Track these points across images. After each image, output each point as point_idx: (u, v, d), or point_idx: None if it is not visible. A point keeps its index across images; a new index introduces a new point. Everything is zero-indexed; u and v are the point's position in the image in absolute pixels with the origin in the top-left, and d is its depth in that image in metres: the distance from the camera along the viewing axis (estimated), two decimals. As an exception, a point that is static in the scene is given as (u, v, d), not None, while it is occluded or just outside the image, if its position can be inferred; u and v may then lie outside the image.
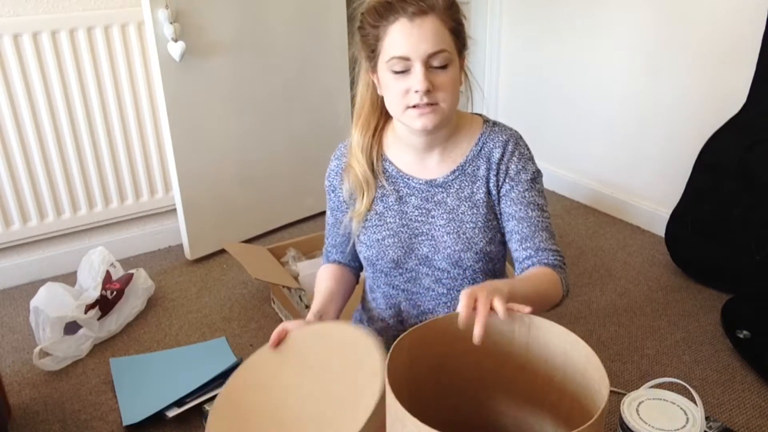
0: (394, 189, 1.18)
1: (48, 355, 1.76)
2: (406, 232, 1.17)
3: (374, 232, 1.19)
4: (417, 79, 1.00)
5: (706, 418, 1.45)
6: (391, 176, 1.18)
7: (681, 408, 1.32)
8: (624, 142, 2.48)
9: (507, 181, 1.13)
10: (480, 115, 1.20)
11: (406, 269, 1.20)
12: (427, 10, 0.99)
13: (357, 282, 1.36)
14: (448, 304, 1.20)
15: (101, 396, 1.68)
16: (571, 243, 2.39)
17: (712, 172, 1.99)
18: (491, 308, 0.80)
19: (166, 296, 2.12)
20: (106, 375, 1.76)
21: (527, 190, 1.12)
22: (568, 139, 2.72)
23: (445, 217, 1.15)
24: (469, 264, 1.16)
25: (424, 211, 1.16)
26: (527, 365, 0.85)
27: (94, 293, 1.86)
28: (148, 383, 1.70)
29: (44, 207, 2.16)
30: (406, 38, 0.99)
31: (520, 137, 1.16)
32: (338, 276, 1.30)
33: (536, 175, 1.14)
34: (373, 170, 1.17)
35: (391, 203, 1.18)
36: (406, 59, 1.00)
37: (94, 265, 1.95)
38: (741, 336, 1.77)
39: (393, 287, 1.23)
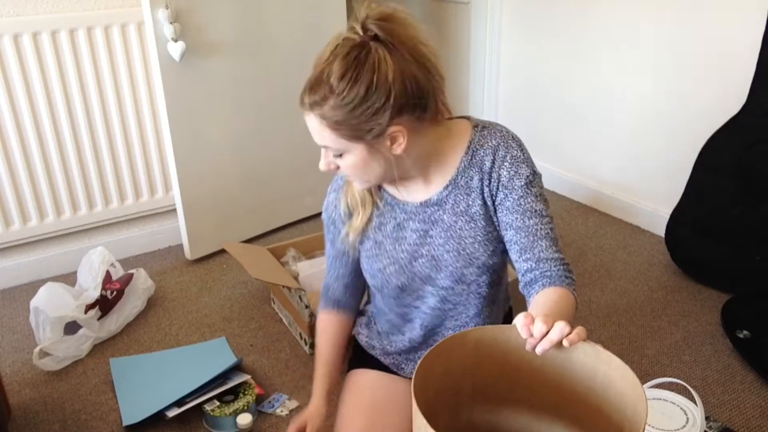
0: (391, 217, 1.16)
1: (48, 355, 1.76)
2: (405, 257, 1.15)
3: (375, 261, 1.17)
4: (322, 161, 1.06)
5: (706, 418, 1.45)
6: (387, 204, 1.16)
7: (681, 408, 1.32)
8: (624, 143, 2.48)
9: (501, 189, 1.07)
10: (468, 118, 1.14)
11: (412, 290, 1.18)
12: (310, 106, 0.99)
13: (354, 324, 1.36)
14: (456, 317, 1.19)
15: (101, 396, 1.68)
16: (571, 243, 2.39)
17: (712, 172, 1.99)
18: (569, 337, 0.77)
19: (166, 296, 2.12)
20: (106, 375, 1.76)
21: (522, 197, 1.05)
22: (568, 140, 2.72)
23: (443, 235, 1.12)
24: (472, 279, 1.13)
25: (421, 233, 1.14)
26: (552, 378, 0.84)
27: (94, 293, 1.86)
28: (148, 383, 1.70)
29: (44, 207, 2.16)
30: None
31: (512, 138, 1.09)
32: (337, 334, 1.31)
33: (532, 178, 1.07)
34: (369, 188, 1.16)
35: (389, 231, 1.16)
36: None
37: (94, 265, 1.95)
38: (741, 336, 1.77)
39: (404, 306, 1.23)
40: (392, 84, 0.96)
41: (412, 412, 1.25)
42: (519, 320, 0.79)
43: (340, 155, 1.02)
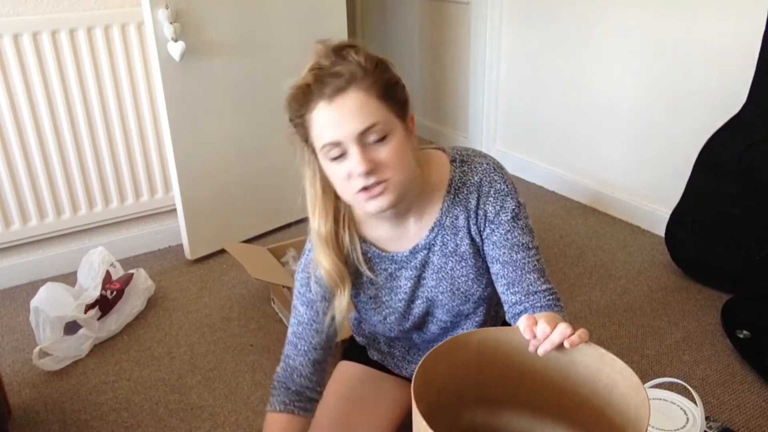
0: (381, 269, 1.10)
1: (48, 355, 1.76)
2: (402, 306, 1.13)
3: (374, 314, 1.15)
4: (355, 161, 0.90)
5: (706, 418, 1.45)
6: (374, 258, 1.10)
7: (681, 408, 1.32)
8: (624, 142, 2.48)
9: (487, 224, 1.04)
10: (443, 150, 1.08)
11: (413, 327, 1.18)
12: (345, 85, 0.89)
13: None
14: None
15: (101, 396, 1.68)
16: (571, 243, 2.39)
17: (712, 172, 1.99)
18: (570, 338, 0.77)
19: (166, 296, 2.12)
20: (105, 375, 1.76)
21: (509, 231, 1.03)
22: (568, 139, 2.72)
23: (435, 277, 1.09)
24: (470, 312, 1.13)
25: (414, 279, 1.11)
26: (555, 380, 0.84)
27: (94, 293, 1.86)
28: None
29: (44, 207, 2.15)
30: (331, 122, 0.90)
31: (494, 170, 1.04)
32: None
33: (518, 211, 1.03)
34: (345, 260, 1.06)
35: (382, 283, 1.12)
36: (338, 144, 0.91)
37: (94, 265, 1.95)
38: (741, 336, 1.77)
39: (403, 337, 1.23)
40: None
41: (391, 410, 1.26)
42: (522, 322, 0.79)
43: (383, 139, 0.91)
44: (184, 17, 2.02)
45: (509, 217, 1.03)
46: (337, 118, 0.89)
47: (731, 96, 1.98)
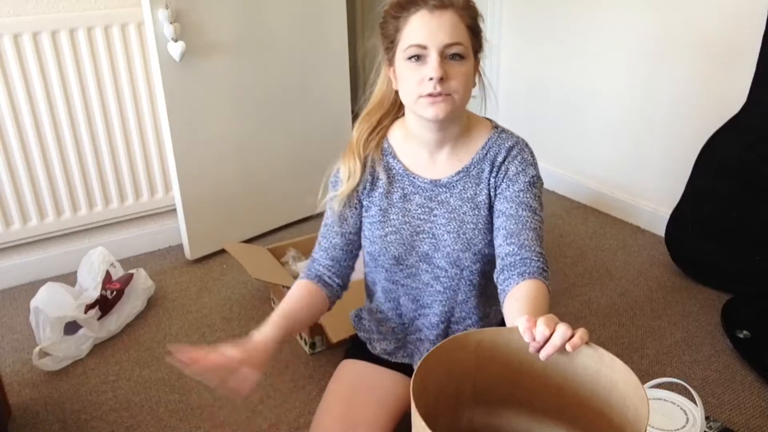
0: (399, 187, 1.20)
1: (48, 355, 1.76)
2: (408, 229, 1.19)
3: (378, 228, 1.21)
4: (432, 66, 1.03)
5: (706, 418, 1.45)
6: (397, 174, 1.20)
7: (681, 408, 1.32)
8: (624, 143, 2.48)
9: (504, 180, 1.14)
10: (490, 120, 1.22)
11: (407, 265, 1.22)
12: (447, 5, 1.05)
13: (328, 308, 1.26)
14: (444, 302, 1.23)
15: (101, 396, 1.68)
16: (571, 243, 2.39)
17: (712, 172, 1.99)
18: (570, 340, 0.78)
19: (166, 296, 2.12)
20: (106, 375, 1.76)
21: (522, 191, 1.12)
22: (569, 140, 2.72)
23: (446, 216, 1.17)
24: (466, 264, 1.18)
25: (426, 209, 1.18)
26: (554, 381, 0.84)
27: (94, 293, 1.86)
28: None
29: (44, 207, 2.15)
30: (425, 27, 1.04)
31: (527, 144, 1.18)
32: (309, 302, 1.20)
33: (535, 180, 1.14)
34: (364, 163, 1.20)
35: (395, 200, 1.20)
36: (423, 47, 1.04)
37: (94, 265, 1.95)
38: (741, 336, 1.77)
39: (392, 282, 1.25)
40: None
41: (391, 405, 1.27)
42: (521, 323, 0.79)
43: (460, 59, 1.05)
44: (184, 17, 2.02)
45: (526, 180, 1.13)
46: (432, 27, 1.04)
47: (731, 96, 1.99)
